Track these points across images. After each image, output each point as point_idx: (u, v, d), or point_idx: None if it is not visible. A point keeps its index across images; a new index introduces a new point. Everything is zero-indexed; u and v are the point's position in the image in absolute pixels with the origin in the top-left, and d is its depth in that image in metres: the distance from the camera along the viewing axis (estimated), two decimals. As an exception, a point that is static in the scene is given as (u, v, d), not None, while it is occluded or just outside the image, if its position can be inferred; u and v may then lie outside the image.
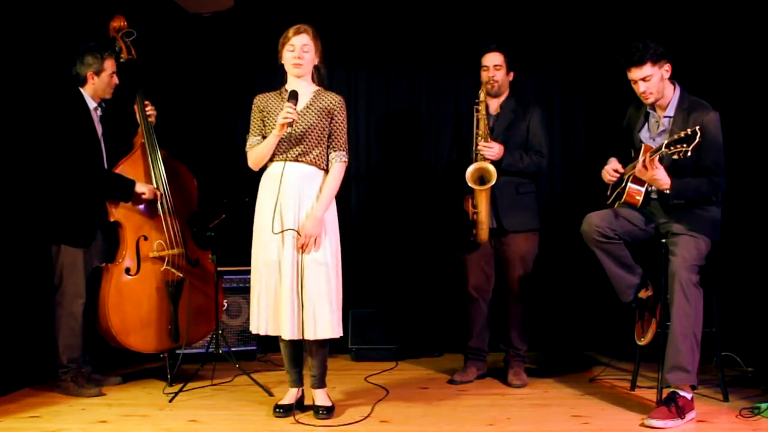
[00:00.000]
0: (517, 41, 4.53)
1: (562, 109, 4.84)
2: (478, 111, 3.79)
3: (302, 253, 3.12)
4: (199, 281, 3.92)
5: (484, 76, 3.87)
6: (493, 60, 3.85)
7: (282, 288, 3.11)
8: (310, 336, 3.11)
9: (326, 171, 3.24)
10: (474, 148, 3.78)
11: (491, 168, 3.70)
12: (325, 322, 3.12)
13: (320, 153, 3.21)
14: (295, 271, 3.11)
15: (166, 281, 3.80)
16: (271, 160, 3.22)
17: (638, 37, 3.32)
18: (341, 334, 3.22)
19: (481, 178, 3.72)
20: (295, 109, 3.09)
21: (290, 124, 3.09)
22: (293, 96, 3.12)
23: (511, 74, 3.93)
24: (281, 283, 3.12)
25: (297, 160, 3.17)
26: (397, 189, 4.90)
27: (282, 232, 3.12)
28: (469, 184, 3.73)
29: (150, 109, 3.88)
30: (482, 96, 3.81)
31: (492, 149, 3.72)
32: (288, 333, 3.10)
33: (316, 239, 3.12)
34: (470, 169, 3.73)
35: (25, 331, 3.80)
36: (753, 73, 4.09)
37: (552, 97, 4.83)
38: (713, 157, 3.20)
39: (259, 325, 3.20)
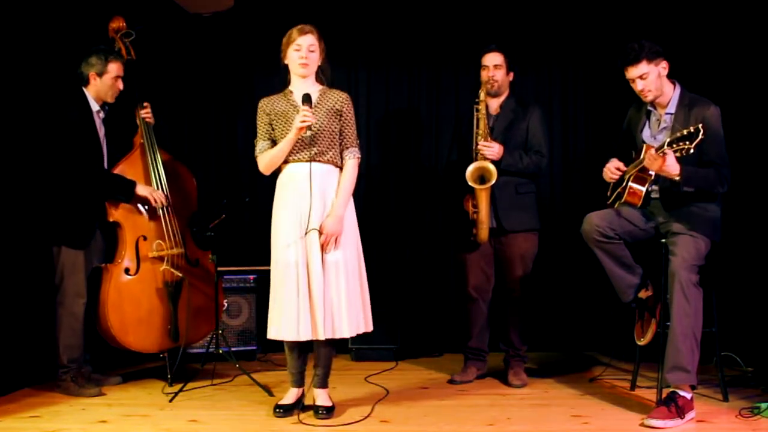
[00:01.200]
0: (517, 41, 4.53)
1: (562, 109, 4.84)
2: (478, 110, 3.80)
3: (324, 252, 3.13)
4: (199, 281, 3.92)
5: (484, 75, 3.87)
6: (492, 60, 3.86)
7: (301, 289, 3.11)
8: (327, 335, 3.12)
9: (341, 168, 3.26)
10: (474, 147, 3.78)
11: (491, 167, 3.70)
12: (343, 322, 3.13)
13: (335, 152, 3.23)
14: (318, 272, 3.11)
15: (166, 281, 3.80)
16: (285, 162, 3.22)
17: (638, 37, 3.33)
18: (369, 329, 3.27)
19: (482, 178, 3.72)
20: (312, 112, 3.11)
21: (309, 127, 3.11)
22: (307, 99, 3.13)
23: (511, 74, 3.94)
24: (299, 284, 3.11)
25: (314, 160, 3.18)
26: (397, 189, 4.90)
27: (308, 232, 3.12)
28: (470, 183, 3.73)
29: (147, 111, 3.88)
30: (482, 95, 3.81)
31: (492, 148, 3.73)
32: (304, 333, 3.10)
33: (337, 238, 3.14)
34: (470, 168, 3.73)
35: (25, 331, 3.80)
36: (752, 74, 4.10)
37: (552, 97, 4.83)
38: (716, 150, 3.21)
39: (279, 331, 3.15)
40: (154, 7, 4.51)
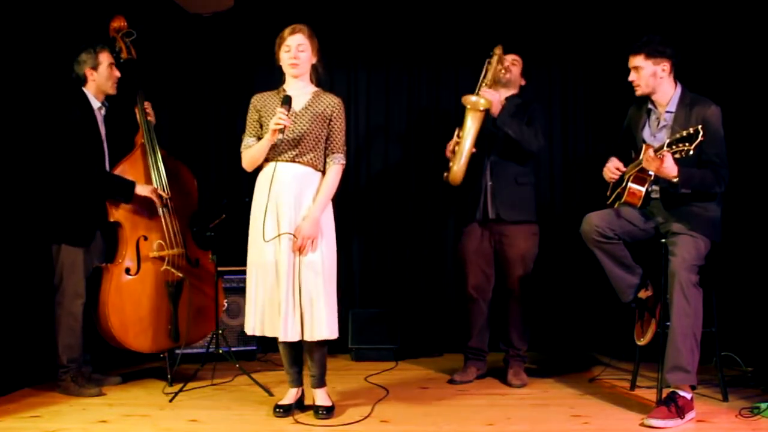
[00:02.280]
0: (518, 41, 4.52)
1: (562, 109, 4.84)
2: (489, 63, 3.84)
3: (299, 255, 3.11)
4: (199, 281, 3.92)
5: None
6: (511, 57, 3.95)
7: (279, 289, 3.10)
8: (307, 337, 3.11)
9: (323, 172, 3.22)
10: (476, 91, 3.81)
11: (489, 98, 3.75)
12: (322, 323, 3.11)
13: (317, 155, 3.19)
14: (292, 273, 3.10)
15: (166, 281, 3.80)
16: (266, 160, 3.21)
17: (637, 38, 3.35)
18: (337, 336, 3.19)
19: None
20: (287, 115, 3.08)
21: (281, 131, 3.08)
22: (287, 101, 3.10)
23: (524, 80, 4.00)
24: (278, 284, 3.11)
25: (293, 161, 3.16)
26: (397, 189, 4.90)
27: (278, 236, 3.11)
28: (464, 103, 3.78)
29: (149, 110, 3.88)
30: (498, 51, 3.85)
31: (494, 94, 3.77)
32: (283, 334, 3.09)
33: (312, 241, 3.11)
34: (468, 96, 3.79)
35: (25, 331, 3.80)
36: (752, 74, 4.10)
37: (552, 97, 4.83)
38: (715, 150, 3.22)
39: (255, 326, 3.18)
40: (154, 6, 4.51)
